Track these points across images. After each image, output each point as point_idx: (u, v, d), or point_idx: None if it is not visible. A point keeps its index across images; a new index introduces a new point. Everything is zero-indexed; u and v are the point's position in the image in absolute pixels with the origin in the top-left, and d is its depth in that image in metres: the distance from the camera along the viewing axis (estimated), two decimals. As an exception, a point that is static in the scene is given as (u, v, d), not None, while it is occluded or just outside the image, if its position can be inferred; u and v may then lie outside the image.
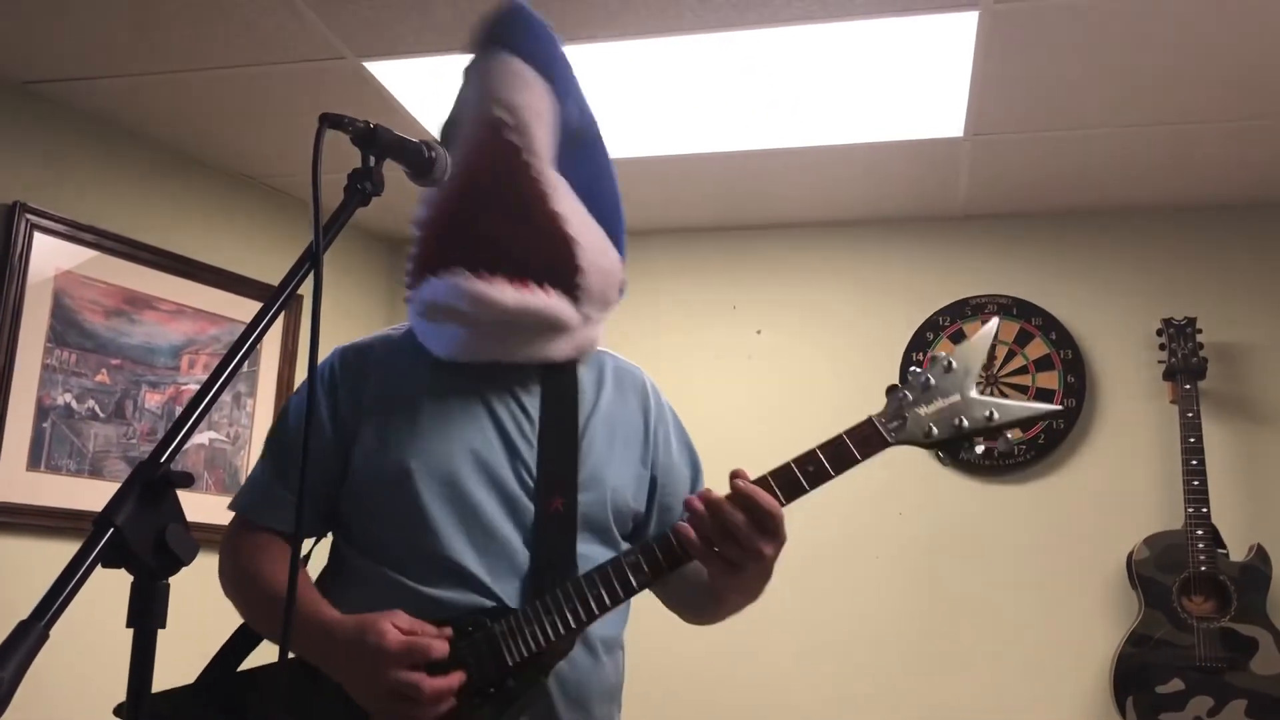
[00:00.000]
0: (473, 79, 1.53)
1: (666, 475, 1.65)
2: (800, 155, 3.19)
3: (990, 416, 1.41)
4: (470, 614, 1.40)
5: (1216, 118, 2.88)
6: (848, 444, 1.47)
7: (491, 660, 1.38)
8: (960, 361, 1.44)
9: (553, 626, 1.38)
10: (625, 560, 1.40)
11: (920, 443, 1.45)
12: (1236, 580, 3.00)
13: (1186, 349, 3.21)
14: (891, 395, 1.48)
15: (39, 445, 2.86)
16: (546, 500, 1.47)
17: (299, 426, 1.53)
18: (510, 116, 1.46)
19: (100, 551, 0.83)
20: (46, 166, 2.96)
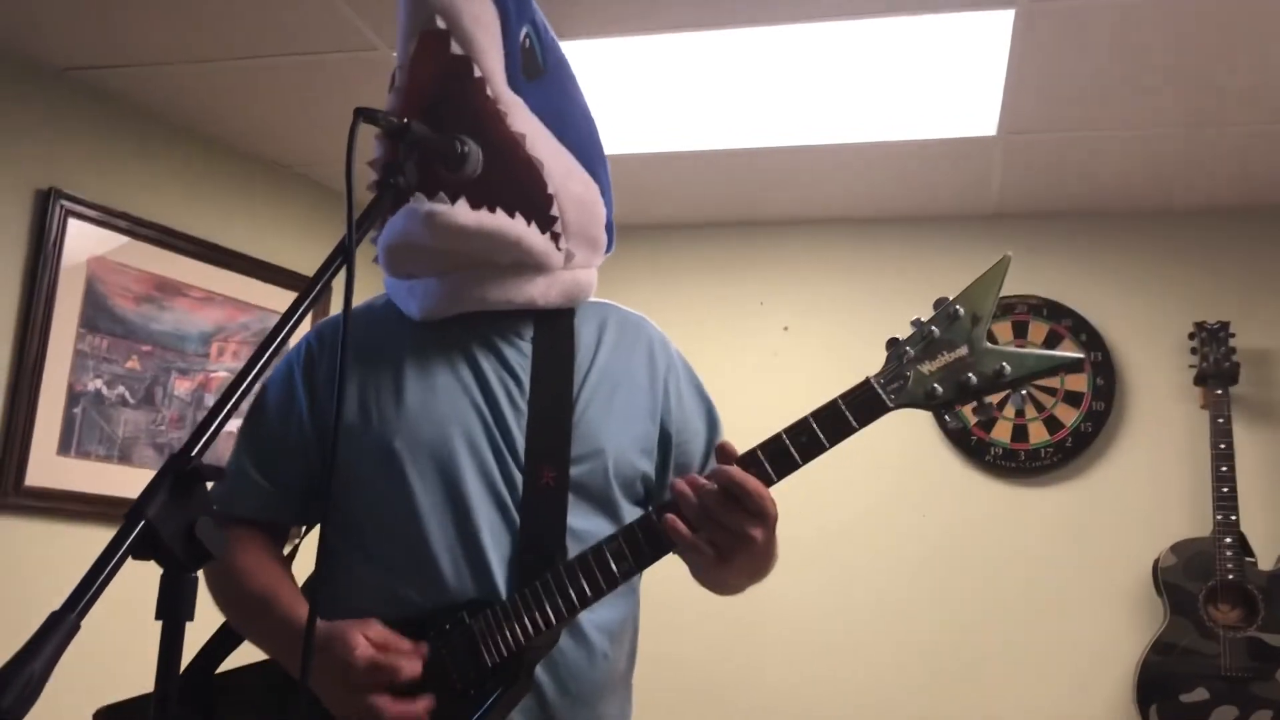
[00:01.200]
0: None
1: (681, 432, 1.50)
2: (832, 152, 3.18)
3: (1002, 370, 1.23)
4: (447, 609, 1.30)
5: (1252, 120, 2.84)
6: (843, 410, 1.30)
7: (470, 661, 1.28)
8: (967, 307, 1.28)
9: (532, 623, 1.27)
10: (607, 547, 1.28)
11: (923, 404, 1.27)
12: (1264, 589, 2.96)
13: (1219, 353, 3.18)
14: (891, 351, 1.31)
15: (69, 431, 2.88)
16: (535, 473, 1.35)
17: (276, 411, 1.45)
18: (452, 25, 1.32)
19: (131, 544, 0.83)
20: (81, 153, 2.99)
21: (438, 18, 1.32)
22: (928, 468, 3.50)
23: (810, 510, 3.55)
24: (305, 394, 1.44)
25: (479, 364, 1.41)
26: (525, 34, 1.42)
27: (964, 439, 3.46)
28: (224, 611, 1.42)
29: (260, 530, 1.45)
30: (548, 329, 1.45)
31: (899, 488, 3.50)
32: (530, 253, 1.37)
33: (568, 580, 1.28)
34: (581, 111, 1.51)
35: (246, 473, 1.43)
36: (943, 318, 1.30)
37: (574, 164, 1.43)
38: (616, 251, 1.58)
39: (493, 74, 1.34)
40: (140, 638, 1.45)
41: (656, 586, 1.72)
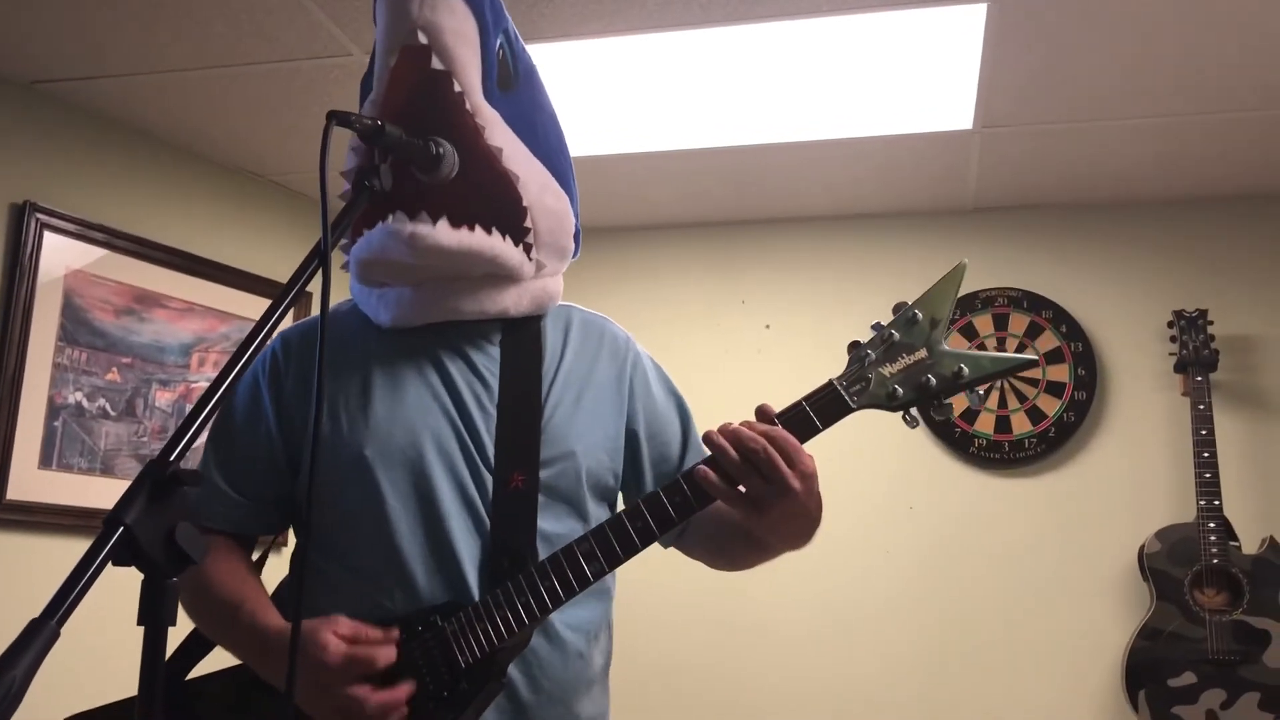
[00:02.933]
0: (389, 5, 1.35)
1: (653, 425, 1.52)
2: (809, 149, 3.19)
3: (960, 372, 1.27)
4: (420, 612, 1.31)
5: (1227, 109, 2.86)
6: (807, 411, 1.33)
7: (443, 662, 1.29)
8: (925, 311, 1.31)
9: (504, 623, 1.28)
10: (578, 547, 1.29)
11: (885, 406, 1.32)
12: (1248, 573, 2.98)
13: (1198, 341, 3.20)
14: (853, 354, 1.35)
15: (50, 444, 2.87)
16: (505, 477, 1.36)
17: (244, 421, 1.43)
18: (433, 40, 1.31)
19: (110, 550, 0.83)
20: (56, 166, 2.97)
21: (420, 33, 1.31)
22: (913, 461, 3.51)
23: (796, 507, 3.56)
24: (272, 403, 1.43)
25: (447, 370, 1.41)
26: (500, 44, 1.42)
27: (948, 431, 3.47)
28: (194, 618, 1.41)
29: (229, 537, 1.44)
30: (515, 334, 1.46)
31: (885, 481, 3.51)
32: (505, 266, 1.38)
33: (539, 581, 1.29)
34: (551, 120, 1.52)
35: (215, 484, 1.42)
36: (902, 321, 1.33)
37: (547, 176, 1.43)
38: (598, 252, 1.59)
39: (472, 88, 1.35)
40: (121, 644, 1.45)
41: (647, 586, 1.73)
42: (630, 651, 1.61)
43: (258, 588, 1.40)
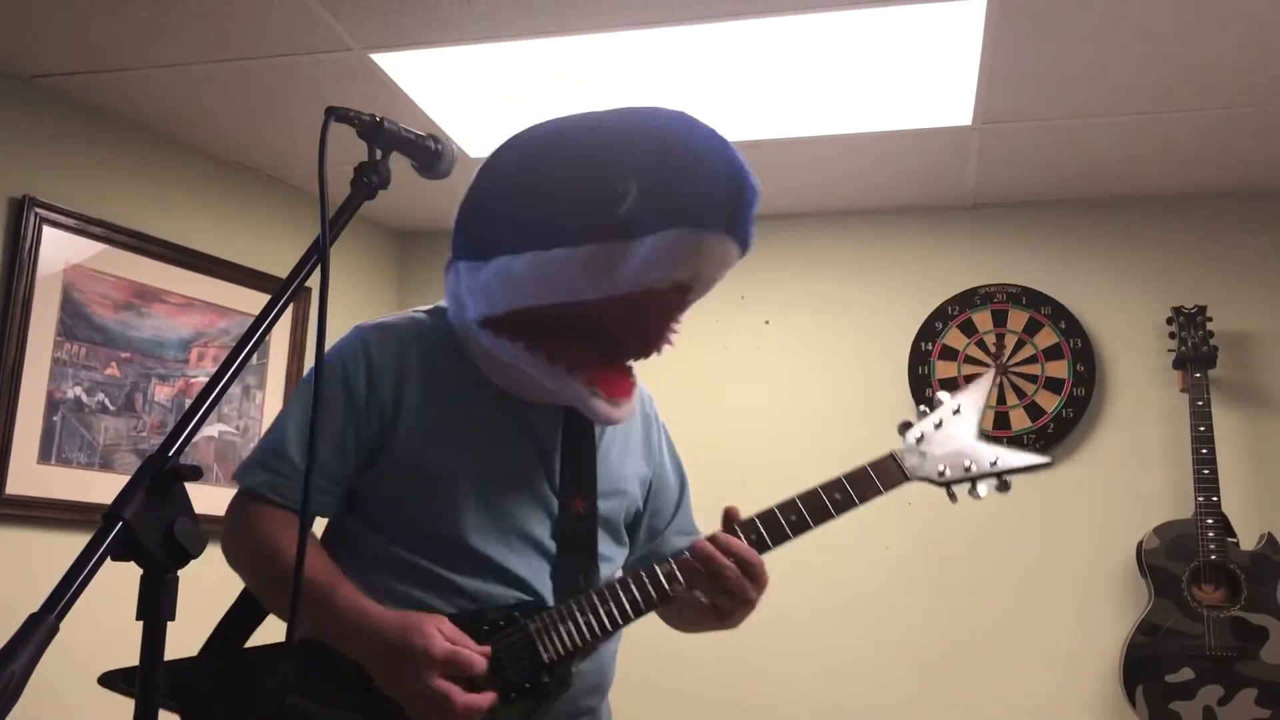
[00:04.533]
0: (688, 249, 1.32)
1: (659, 480, 1.70)
2: (808, 145, 3.18)
3: (995, 463, 1.57)
4: (505, 607, 1.43)
5: (1227, 105, 2.86)
6: (871, 475, 1.56)
7: (527, 657, 1.40)
8: (967, 407, 1.59)
9: (589, 627, 1.42)
10: (660, 567, 1.45)
11: (934, 480, 1.58)
12: (1247, 569, 2.99)
13: (1196, 337, 3.20)
14: (907, 433, 1.60)
15: (49, 438, 2.87)
16: (569, 502, 1.51)
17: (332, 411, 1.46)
18: (701, 291, 1.41)
19: (110, 545, 0.83)
20: (55, 160, 2.97)
21: (698, 284, 1.38)
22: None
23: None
24: (367, 400, 1.47)
25: (527, 412, 1.51)
26: None
27: (946, 428, 3.47)
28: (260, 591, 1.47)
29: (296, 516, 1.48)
30: None
31: (883, 478, 3.51)
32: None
33: (621, 592, 1.44)
34: None
35: (294, 464, 1.45)
36: (948, 411, 1.61)
37: None
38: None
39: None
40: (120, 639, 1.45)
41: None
42: (626, 648, 1.64)
43: (339, 570, 1.44)
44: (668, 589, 1.44)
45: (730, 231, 1.32)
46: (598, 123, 1.41)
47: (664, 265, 1.32)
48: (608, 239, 1.32)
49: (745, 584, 1.43)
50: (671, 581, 1.44)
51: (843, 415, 3.56)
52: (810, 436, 3.56)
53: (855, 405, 3.56)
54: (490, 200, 1.43)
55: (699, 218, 1.30)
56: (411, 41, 2.63)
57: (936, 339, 3.55)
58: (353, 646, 1.39)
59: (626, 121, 1.39)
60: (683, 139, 1.34)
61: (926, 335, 3.56)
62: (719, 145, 1.34)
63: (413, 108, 2.95)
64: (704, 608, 1.47)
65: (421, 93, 2.91)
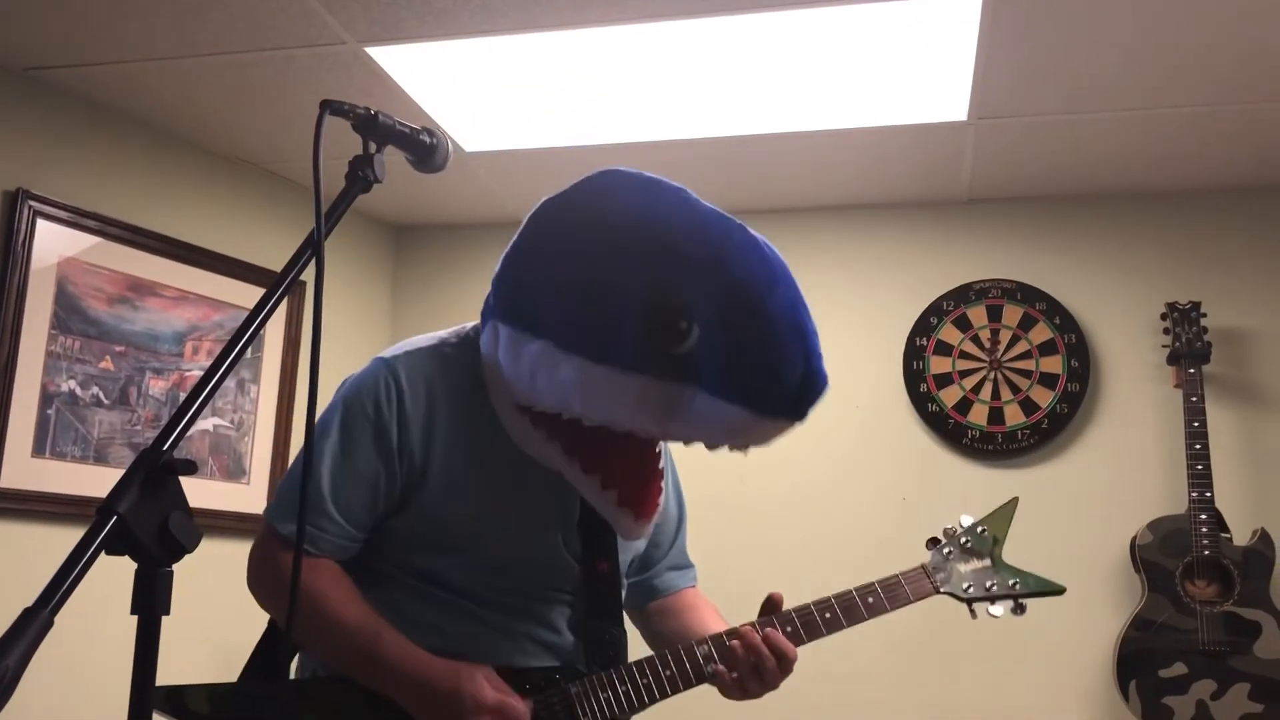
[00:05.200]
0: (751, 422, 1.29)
1: (662, 517, 1.66)
2: (804, 140, 3.18)
3: (1014, 585, 1.72)
4: (545, 669, 1.48)
5: (1222, 101, 2.87)
6: (902, 584, 1.68)
7: (565, 718, 1.45)
8: (990, 530, 1.73)
9: (626, 697, 1.47)
10: (698, 648, 1.51)
11: (958, 596, 1.69)
12: (1240, 564, 3.00)
13: (1191, 333, 3.21)
14: (935, 549, 1.72)
15: (44, 432, 2.87)
16: (594, 563, 1.53)
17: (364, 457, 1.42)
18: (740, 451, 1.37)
19: (104, 539, 0.83)
20: (49, 153, 2.96)
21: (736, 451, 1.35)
22: (906, 452, 3.52)
23: (793, 496, 3.57)
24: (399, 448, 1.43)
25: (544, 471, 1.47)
26: None
27: (942, 423, 3.48)
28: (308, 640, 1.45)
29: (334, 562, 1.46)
30: None
31: (878, 472, 3.52)
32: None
33: (661, 667, 1.50)
34: None
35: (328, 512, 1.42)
36: (972, 533, 1.74)
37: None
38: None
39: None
40: (118, 633, 1.44)
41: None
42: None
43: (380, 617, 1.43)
44: (706, 672, 1.50)
45: (794, 417, 1.30)
46: (670, 233, 1.32)
47: (719, 434, 1.31)
48: (663, 377, 1.27)
49: (779, 676, 1.51)
50: (709, 662, 1.50)
51: (837, 410, 3.56)
52: (805, 432, 3.54)
53: (850, 400, 3.56)
54: (544, 275, 1.35)
55: (766, 405, 1.27)
56: (406, 35, 2.63)
57: (931, 334, 3.55)
58: (398, 690, 1.40)
59: (702, 246, 1.31)
60: (758, 300, 1.28)
61: (921, 330, 3.56)
62: (794, 318, 1.30)
63: (407, 101, 2.94)
64: (729, 683, 1.51)
65: (416, 86, 2.90)
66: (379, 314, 3.98)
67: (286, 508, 1.44)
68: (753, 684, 1.50)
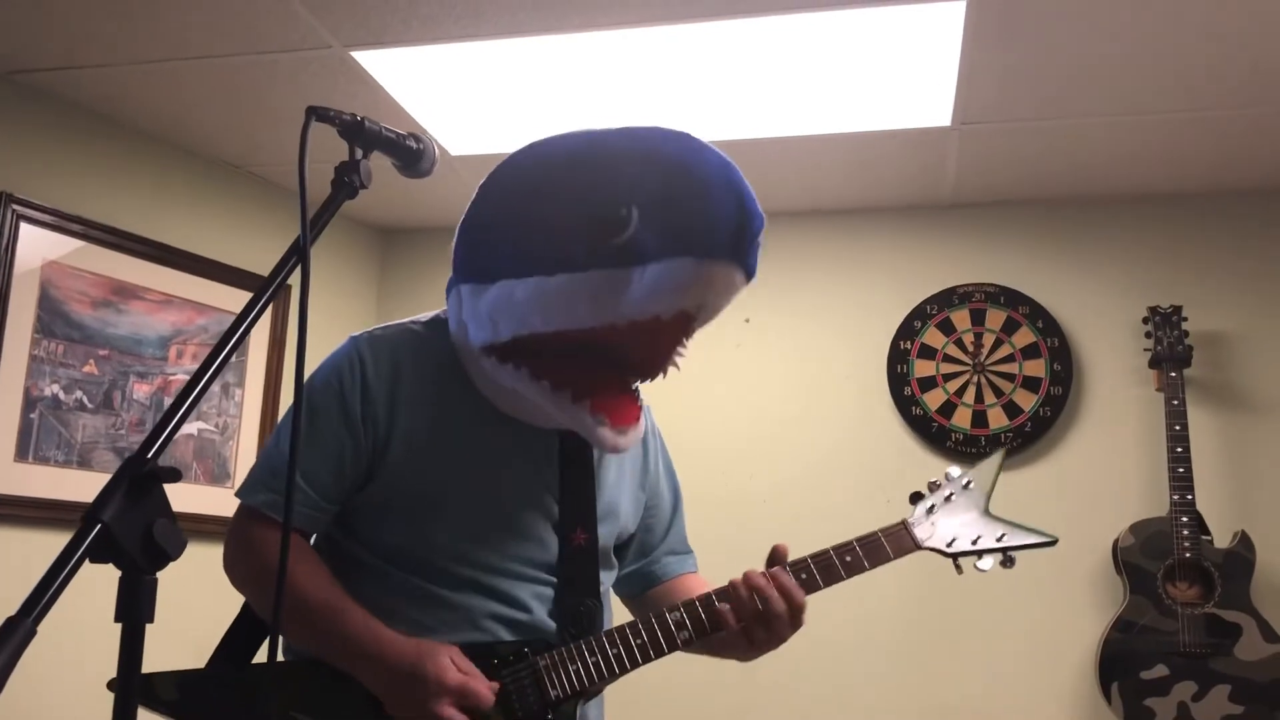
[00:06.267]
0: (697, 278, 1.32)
1: (653, 498, 1.68)
2: (788, 144, 3.19)
3: (1002, 537, 1.63)
4: (513, 643, 1.44)
5: (1202, 107, 2.89)
6: (881, 540, 1.60)
7: (534, 692, 1.42)
8: (977, 482, 1.64)
9: (596, 669, 1.44)
10: (670, 616, 1.47)
11: (943, 551, 1.62)
12: (1221, 567, 3.02)
13: (1172, 337, 3.23)
14: (919, 503, 1.64)
15: (27, 436, 2.85)
16: (570, 534, 1.50)
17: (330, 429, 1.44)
18: (706, 319, 1.40)
19: (88, 547, 0.83)
20: (32, 156, 2.95)
21: (703, 311, 1.37)
22: (891, 455, 3.53)
23: (776, 498, 3.57)
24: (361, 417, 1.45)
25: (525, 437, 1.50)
26: None
27: (925, 425, 3.49)
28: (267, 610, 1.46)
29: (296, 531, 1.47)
30: None
31: (862, 474, 3.53)
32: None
33: (632, 636, 1.46)
34: None
35: (301, 488, 1.44)
36: (958, 485, 1.64)
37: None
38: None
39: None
40: (98, 641, 1.44)
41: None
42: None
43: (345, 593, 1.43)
44: (677, 639, 1.46)
45: (736, 259, 1.31)
46: (601, 145, 1.38)
47: (669, 294, 1.31)
48: (612, 266, 1.31)
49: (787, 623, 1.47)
50: (680, 630, 1.46)
51: (822, 413, 3.58)
52: (789, 434, 3.57)
53: (834, 403, 3.58)
54: (493, 222, 1.42)
55: (705, 247, 1.30)
56: (392, 40, 2.63)
57: (915, 337, 3.56)
58: (362, 670, 1.39)
59: (630, 144, 1.37)
60: (688, 165, 1.33)
61: (905, 334, 3.58)
62: (725, 172, 1.32)
63: (393, 106, 2.94)
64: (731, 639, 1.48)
65: (402, 91, 2.90)
66: (366, 317, 3.97)
67: (254, 484, 1.47)
68: (759, 632, 1.46)
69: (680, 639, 1.47)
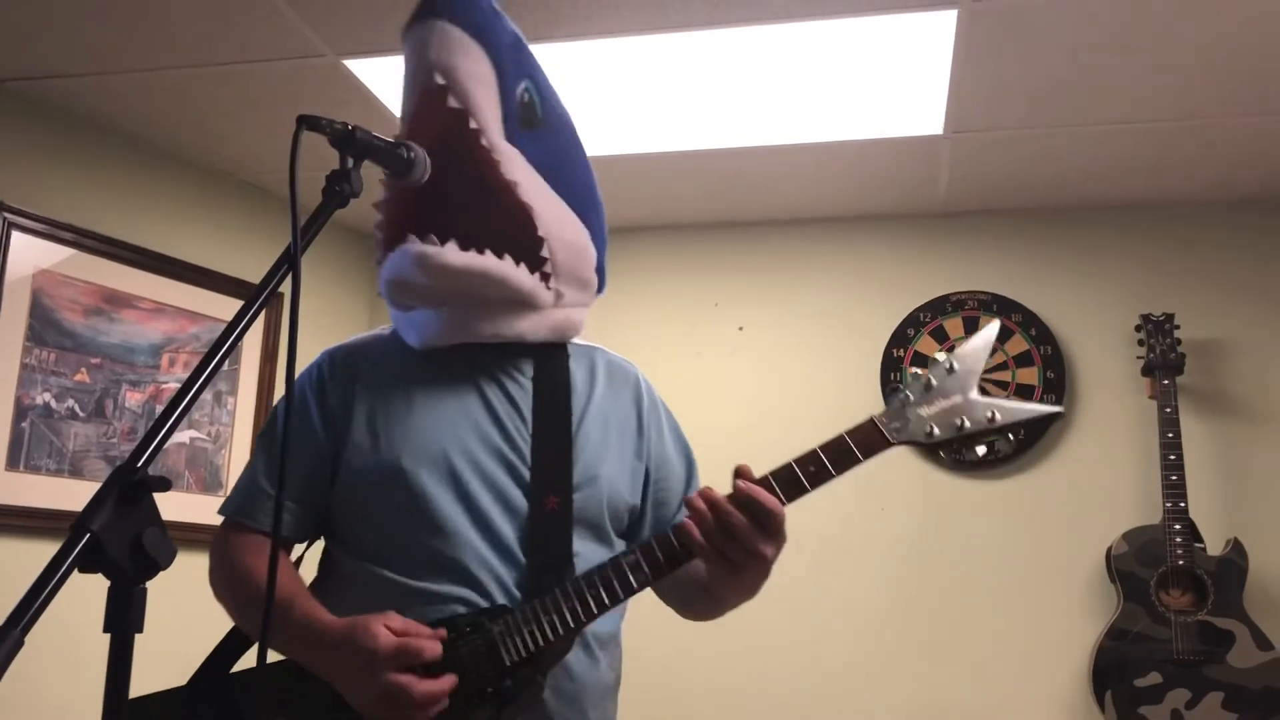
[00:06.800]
0: (411, 52, 1.47)
1: (661, 469, 1.62)
2: (781, 153, 3.20)
3: (992, 418, 1.41)
4: (467, 614, 1.39)
5: (1194, 116, 2.90)
6: (849, 444, 1.44)
7: (489, 660, 1.36)
8: (962, 363, 1.45)
9: (550, 626, 1.37)
10: (624, 560, 1.38)
11: (921, 443, 1.44)
12: (1214, 574, 3.02)
13: (1165, 345, 3.23)
14: (893, 396, 1.47)
15: (18, 445, 2.84)
16: (541, 498, 1.45)
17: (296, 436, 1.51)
18: (449, 80, 1.42)
19: (77, 557, 0.83)
20: (24, 164, 2.94)
21: (437, 75, 1.42)
22: (884, 463, 3.49)
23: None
24: (319, 417, 1.51)
25: (485, 393, 1.50)
26: (524, 89, 1.53)
27: (918, 434, 3.49)
28: (236, 616, 1.48)
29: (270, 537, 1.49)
30: (546, 368, 1.55)
31: (856, 482, 3.51)
32: (518, 291, 1.46)
33: (586, 589, 1.38)
34: (578, 163, 1.62)
35: (262, 488, 1.50)
36: (940, 371, 1.45)
37: (566, 210, 1.53)
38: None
39: (488, 125, 1.44)
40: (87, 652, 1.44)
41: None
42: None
43: (304, 588, 1.46)
44: (632, 580, 1.37)
45: (431, 14, 1.44)
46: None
47: (407, 79, 1.45)
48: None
49: (756, 533, 1.34)
50: (636, 571, 1.37)
51: (815, 421, 3.55)
52: (783, 442, 3.55)
53: (828, 411, 3.57)
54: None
55: (412, 19, 1.47)
56: (384, 48, 2.63)
57: (909, 345, 3.57)
58: (312, 663, 1.37)
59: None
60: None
61: (899, 342, 3.58)
62: None
63: (385, 114, 2.94)
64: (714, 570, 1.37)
65: (394, 99, 2.89)
66: (358, 325, 3.96)
67: (229, 496, 1.54)
68: (731, 548, 1.34)
69: (636, 580, 1.37)
